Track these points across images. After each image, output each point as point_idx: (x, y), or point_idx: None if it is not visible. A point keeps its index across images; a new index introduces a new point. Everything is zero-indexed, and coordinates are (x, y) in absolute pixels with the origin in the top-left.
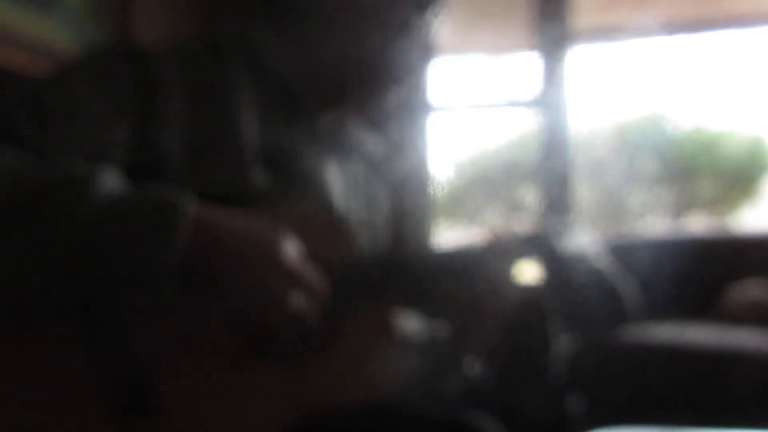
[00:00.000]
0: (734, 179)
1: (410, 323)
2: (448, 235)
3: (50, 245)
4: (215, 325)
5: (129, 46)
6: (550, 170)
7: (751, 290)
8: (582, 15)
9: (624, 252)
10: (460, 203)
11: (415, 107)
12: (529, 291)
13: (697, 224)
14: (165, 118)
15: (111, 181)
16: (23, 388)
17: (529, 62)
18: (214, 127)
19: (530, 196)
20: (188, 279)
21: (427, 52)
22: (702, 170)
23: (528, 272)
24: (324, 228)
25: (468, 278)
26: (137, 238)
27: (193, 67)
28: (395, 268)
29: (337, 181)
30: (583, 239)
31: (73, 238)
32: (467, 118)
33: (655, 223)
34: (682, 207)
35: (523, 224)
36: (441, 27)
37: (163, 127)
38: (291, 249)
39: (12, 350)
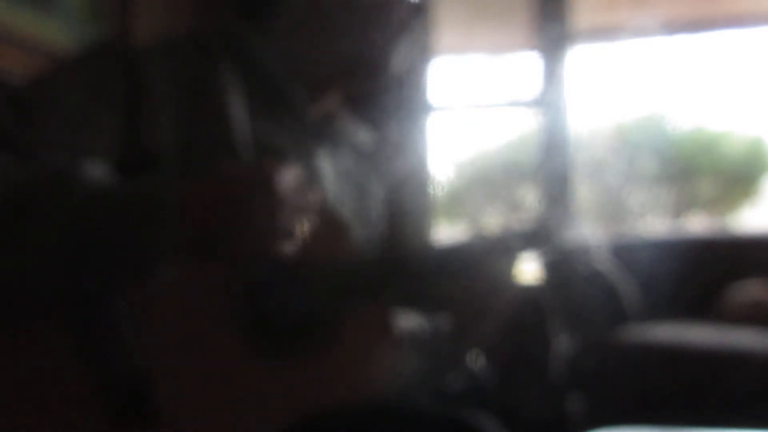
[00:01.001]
0: (734, 179)
1: (410, 322)
2: (448, 235)
3: (43, 238)
4: (216, 321)
5: (115, 45)
6: (550, 170)
7: (751, 290)
8: (582, 15)
9: (624, 252)
10: (460, 203)
11: (415, 107)
12: (529, 291)
13: (697, 224)
14: (154, 116)
15: (98, 173)
16: (22, 391)
17: (529, 62)
18: (205, 123)
19: (530, 196)
20: (192, 251)
21: (418, 48)
22: (702, 170)
23: (529, 268)
24: (322, 227)
25: (468, 275)
26: (132, 222)
27: (181, 64)
28: (395, 266)
29: (329, 174)
30: (584, 233)
31: (66, 229)
32: (467, 118)
33: (655, 223)
34: (682, 207)
35: (522, 221)
36: (433, 25)
37: (153, 125)
38: (285, 177)
39: (11, 353)
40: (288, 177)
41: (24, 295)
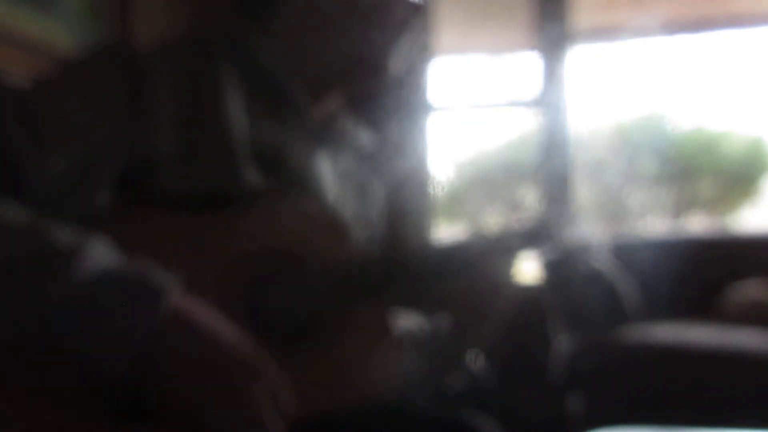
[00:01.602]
0: (734, 179)
1: (410, 322)
2: (448, 235)
3: (29, 313)
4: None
5: (115, 48)
6: (550, 170)
7: (751, 290)
8: (582, 15)
9: (624, 252)
10: (460, 203)
11: (415, 107)
12: (529, 290)
13: (697, 224)
14: (155, 119)
15: (99, 252)
16: (21, 394)
17: (529, 62)
18: (205, 125)
19: (530, 196)
20: (143, 365)
21: (418, 48)
22: (702, 170)
23: (529, 268)
24: (322, 227)
25: (468, 275)
26: (111, 317)
27: (181, 66)
28: (394, 266)
29: (329, 175)
30: (584, 233)
31: (53, 309)
32: (467, 118)
33: (655, 223)
34: (682, 207)
35: (522, 220)
36: (433, 25)
37: (154, 128)
38: (265, 379)
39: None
40: (267, 379)
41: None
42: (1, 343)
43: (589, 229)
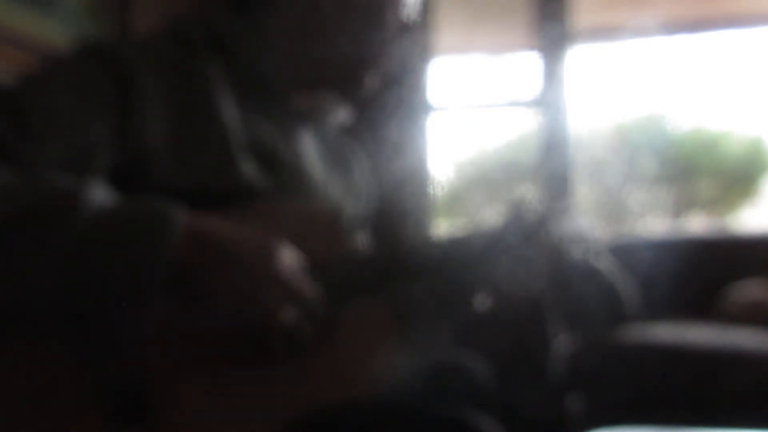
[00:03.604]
0: (734, 179)
1: (410, 321)
2: (448, 233)
3: (44, 261)
4: (208, 329)
5: (101, 45)
6: (550, 170)
7: (751, 290)
8: (582, 15)
9: (624, 252)
10: (460, 203)
11: (415, 107)
12: (529, 290)
13: (697, 224)
14: (145, 115)
15: (99, 194)
16: (21, 395)
17: (529, 62)
18: (197, 120)
19: (530, 196)
20: (180, 288)
21: (414, 47)
22: (702, 170)
23: (528, 266)
24: (322, 227)
25: (467, 273)
26: (127, 251)
27: (168, 61)
28: (395, 265)
29: (318, 163)
30: (584, 233)
31: (66, 253)
32: (467, 118)
33: (655, 223)
34: (682, 207)
35: (522, 220)
36: (433, 25)
37: (145, 124)
38: (286, 260)
39: (11, 356)
40: (288, 259)
41: (26, 308)
42: (27, 300)
43: (589, 229)
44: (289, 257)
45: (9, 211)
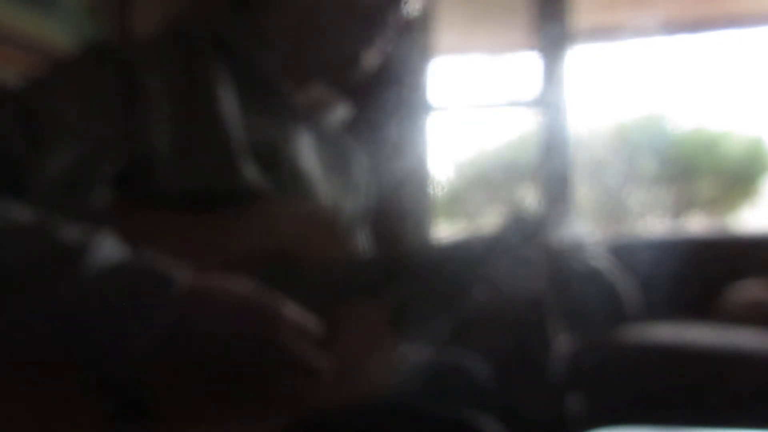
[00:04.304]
0: (734, 179)
1: (409, 322)
2: (448, 235)
3: (42, 315)
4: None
5: (105, 47)
6: (550, 170)
7: (751, 290)
8: (582, 15)
9: (624, 252)
10: (460, 203)
11: (415, 107)
12: (529, 290)
13: (697, 224)
14: (149, 116)
15: (107, 247)
16: (21, 395)
17: (529, 62)
18: (200, 121)
19: (530, 196)
20: (179, 346)
21: (411, 46)
22: (702, 170)
23: (528, 266)
24: (322, 228)
25: (467, 274)
26: (124, 314)
27: (171, 62)
28: (394, 266)
29: (316, 162)
30: (584, 233)
31: (64, 310)
32: (467, 118)
33: (655, 223)
34: (682, 207)
35: (522, 220)
36: (433, 25)
37: (149, 125)
38: (289, 322)
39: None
40: (290, 320)
41: (25, 344)
42: (17, 344)
43: (589, 229)
44: (291, 317)
45: (12, 261)
